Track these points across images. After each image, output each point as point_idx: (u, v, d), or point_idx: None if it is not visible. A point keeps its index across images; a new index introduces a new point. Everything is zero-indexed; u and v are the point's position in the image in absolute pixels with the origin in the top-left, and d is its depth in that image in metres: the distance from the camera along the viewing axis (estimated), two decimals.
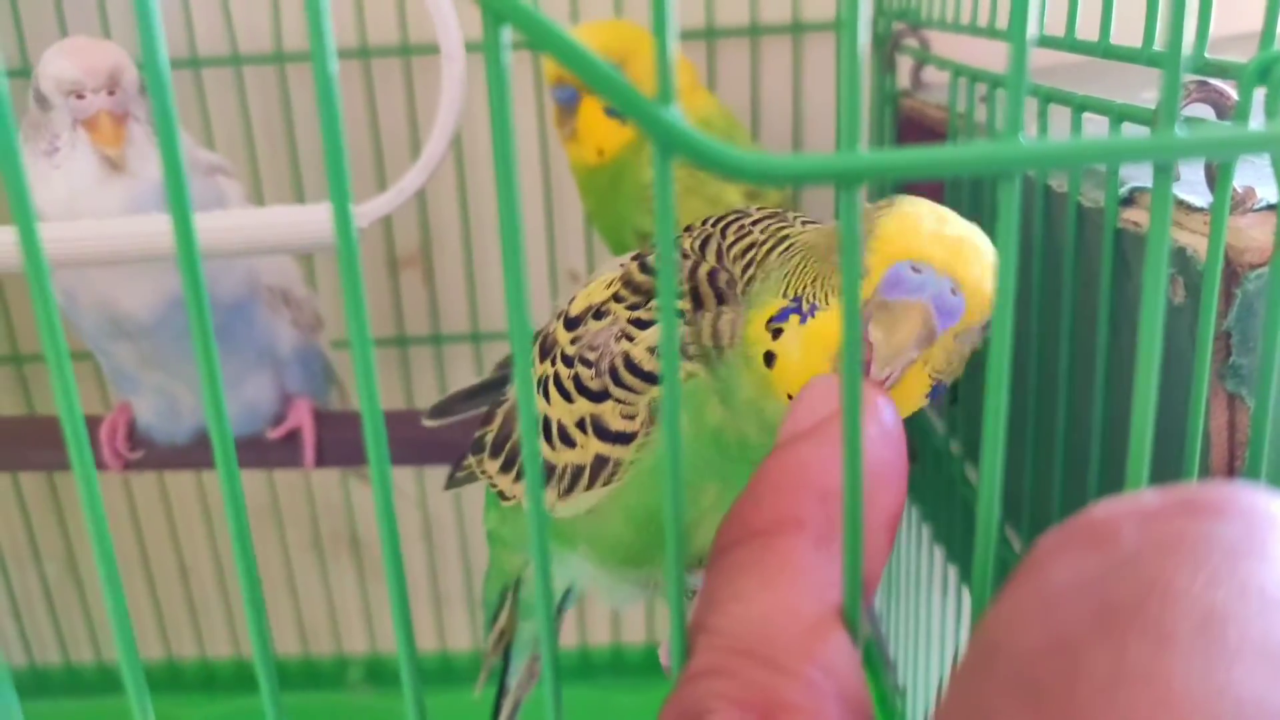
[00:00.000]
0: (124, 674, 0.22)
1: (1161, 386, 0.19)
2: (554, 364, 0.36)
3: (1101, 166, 0.35)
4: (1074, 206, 0.36)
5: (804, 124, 0.77)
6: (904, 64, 0.64)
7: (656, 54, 0.17)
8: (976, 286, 0.29)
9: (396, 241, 0.81)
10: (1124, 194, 0.33)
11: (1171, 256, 0.30)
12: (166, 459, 0.64)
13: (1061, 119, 0.38)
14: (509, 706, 0.49)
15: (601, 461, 0.35)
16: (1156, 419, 0.20)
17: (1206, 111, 0.29)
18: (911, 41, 0.63)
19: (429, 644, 0.93)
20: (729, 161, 0.18)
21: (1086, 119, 0.36)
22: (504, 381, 0.47)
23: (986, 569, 0.20)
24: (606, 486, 0.35)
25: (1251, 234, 0.28)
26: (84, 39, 0.52)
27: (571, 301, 0.38)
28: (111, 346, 0.57)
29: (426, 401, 0.84)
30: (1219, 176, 0.24)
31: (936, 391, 0.31)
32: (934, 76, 0.63)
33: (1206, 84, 0.29)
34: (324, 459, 0.63)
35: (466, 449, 0.64)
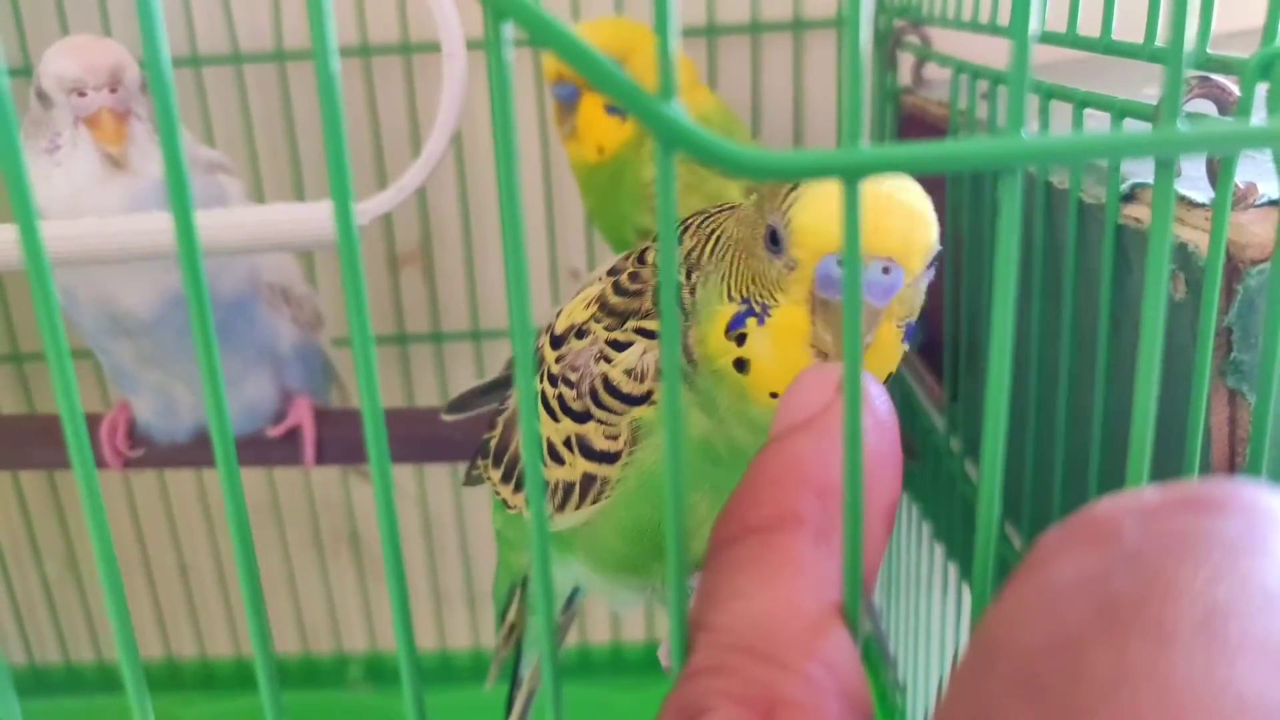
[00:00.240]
0: (123, 673, 0.22)
1: (1162, 382, 0.19)
2: (542, 381, 0.36)
3: (1103, 162, 0.35)
4: (1075, 202, 0.36)
5: (805, 121, 0.77)
6: (905, 61, 0.64)
7: (658, 50, 0.17)
8: (906, 249, 0.28)
9: (397, 239, 0.81)
10: (1125, 190, 0.33)
11: (1173, 252, 0.30)
12: (166, 457, 0.64)
13: (1063, 115, 0.38)
14: (523, 697, 0.49)
15: (589, 479, 0.35)
16: (1157, 415, 0.20)
17: (1208, 107, 0.29)
18: (913, 38, 0.63)
19: (429, 642, 0.93)
20: (731, 157, 0.18)
21: (1088, 115, 0.36)
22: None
23: (987, 566, 0.20)
24: (596, 504, 0.35)
25: (1253, 230, 0.28)
26: (86, 37, 0.52)
27: (558, 316, 0.38)
28: (111, 344, 0.57)
29: (427, 399, 0.85)
30: (1221, 172, 0.24)
31: (909, 333, 0.31)
32: (935, 73, 0.63)
33: (1208, 79, 0.29)
34: (324, 457, 0.63)
35: (466, 447, 0.64)
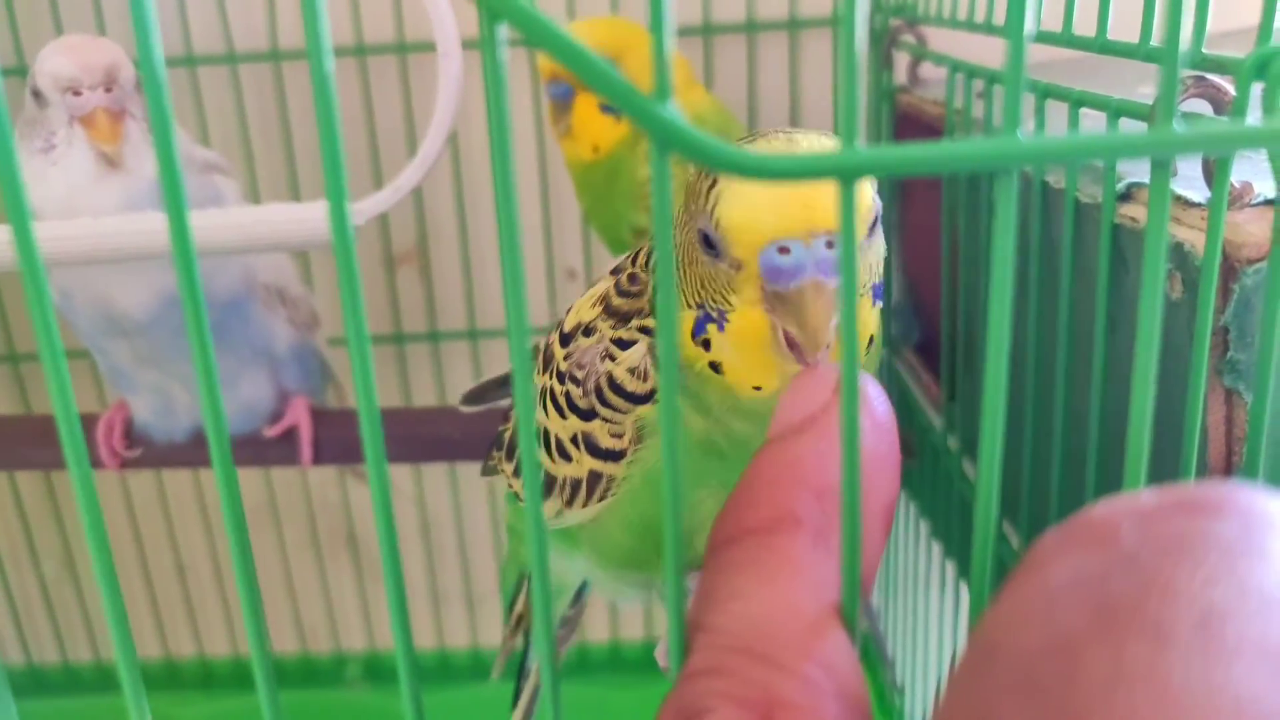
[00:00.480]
0: (121, 673, 0.22)
1: (1159, 382, 0.19)
2: (551, 378, 0.36)
3: (1099, 162, 0.35)
4: (1071, 202, 0.36)
5: (801, 120, 0.77)
6: (901, 60, 0.64)
7: (653, 50, 0.17)
8: None
9: (393, 239, 0.81)
10: (1121, 189, 0.33)
11: (1169, 252, 0.30)
12: (163, 457, 0.64)
13: (1059, 114, 0.38)
14: (530, 688, 0.49)
15: (596, 476, 0.35)
16: (1154, 415, 0.20)
17: (1204, 107, 0.29)
18: (908, 37, 0.63)
19: (427, 642, 0.93)
20: (726, 158, 0.18)
21: (1083, 114, 0.36)
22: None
23: (985, 565, 0.20)
24: (603, 501, 0.36)
25: (1249, 229, 0.28)
26: (81, 36, 0.52)
27: (568, 313, 0.38)
28: (108, 345, 0.57)
29: (424, 399, 0.85)
30: (1216, 172, 0.24)
31: (878, 293, 0.31)
32: (931, 72, 0.63)
33: (1204, 79, 0.29)
34: (321, 457, 0.63)
35: (464, 446, 0.64)
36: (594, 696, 0.89)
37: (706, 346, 0.31)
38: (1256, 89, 0.26)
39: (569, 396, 0.35)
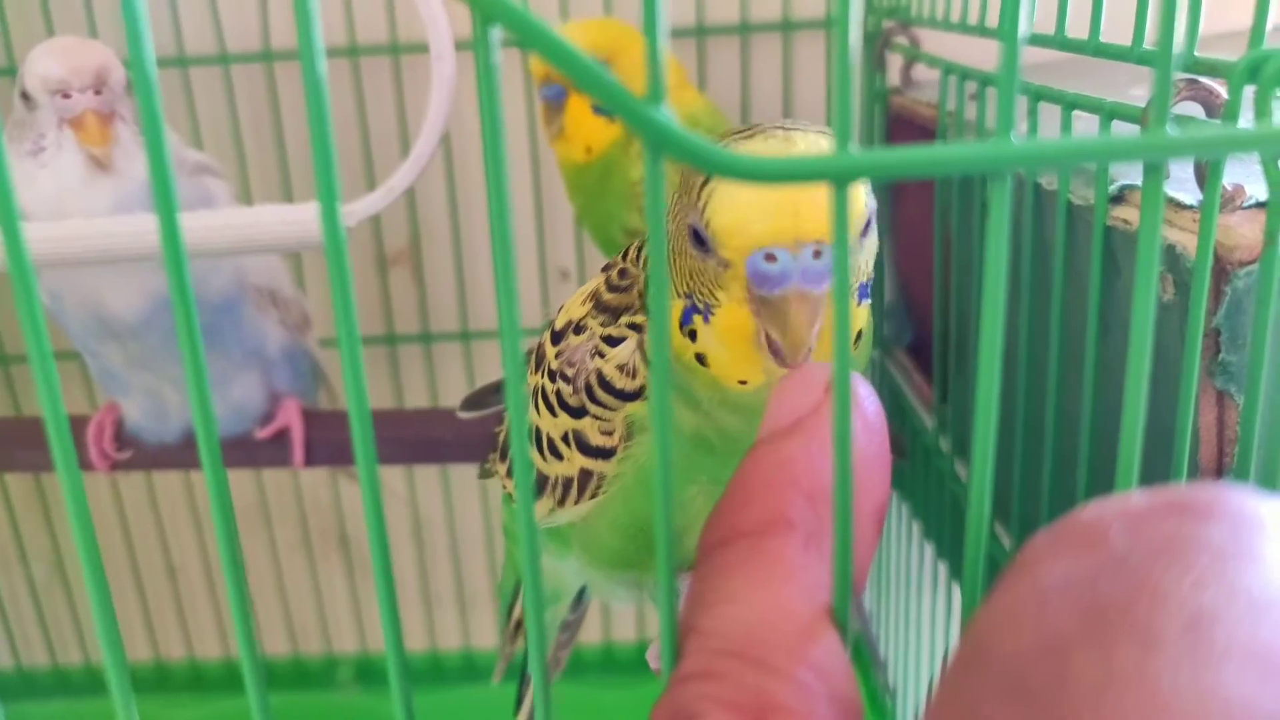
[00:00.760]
0: (109, 676, 0.22)
1: (1151, 384, 0.19)
2: (543, 377, 0.36)
3: (1091, 165, 0.35)
4: (1064, 204, 0.36)
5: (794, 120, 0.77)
6: (894, 62, 0.64)
7: (647, 53, 0.17)
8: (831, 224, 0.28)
9: (386, 240, 0.81)
10: (1114, 192, 0.33)
11: (1161, 254, 0.30)
12: (154, 459, 0.63)
13: (1051, 117, 0.38)
14: (533, 692, 0.49)
15: (587, 474, 0.35)
16: (1146, 417, 0.20)
17: (1196, 110, 0.30)
18: (902, 39, 0.63)
19: (418, 643, 0.93)
20: (719, 161, 0.18)
21: (1076, 116, 0.36)
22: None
23: (977, 566, 0.20)
24: (594, 499, 0.36)
25: (1241, 231, 0.28)
26: (70, 38, 0.52)
27: (559, 312, 0.38)
28: (99, 347, 0.57)
29: (416, 400, 0.84)
30: (1209, 175, 0.24)
31: (863, 293, 0.31)
32: (924, 74, 0.63)
33: (1196, 82, 0.29)
34: (312, 458, 0.63)
35: (456, 448, 0.64)
36: (587, 698, 0.89)
37: (693, 338, 0.31)
38: (1248, 92, 0.26)
39: (560, 394, 0.35)
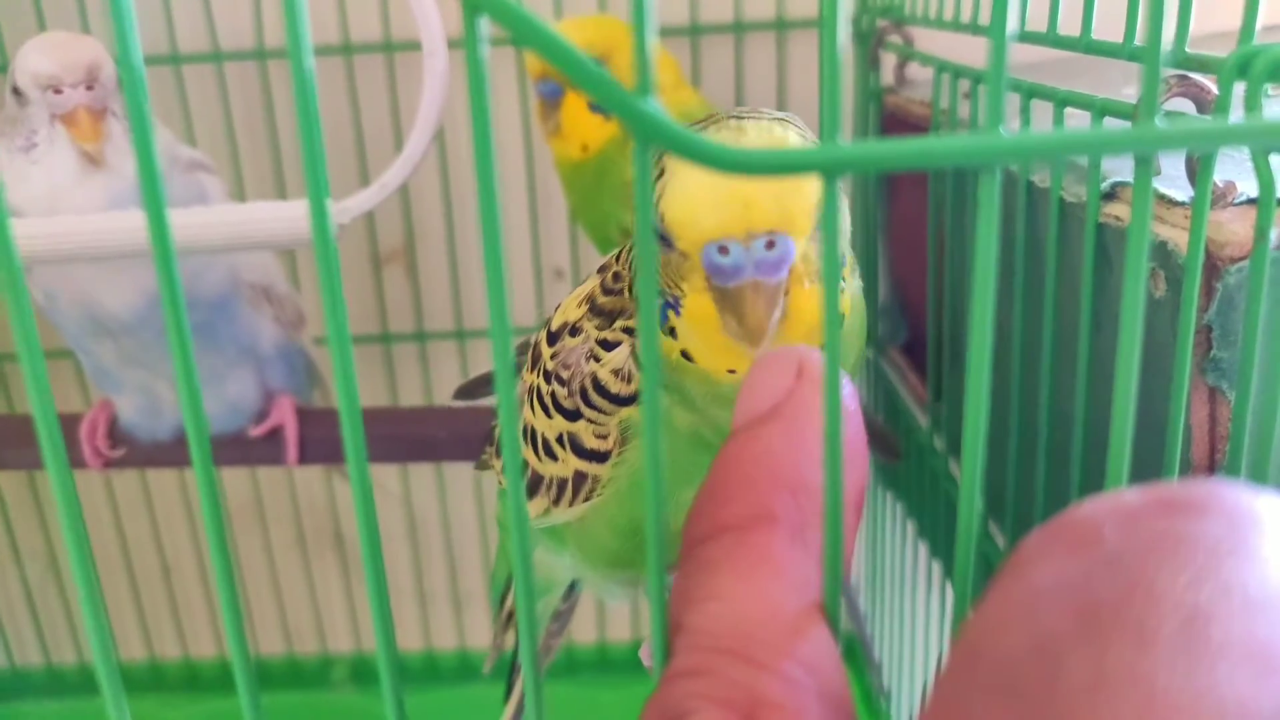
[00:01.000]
0: (100, 676, 0.22)
1: (1143, 380, 0.19)
2: (538, 377, 0.36)
3: (1083, 161, 0.35)
4: (1056, 201, 0.36)
5: None
6: (888, 61, 0.64)
7: (635, 46, 0.17)
8: (786, 217, 0.27)
9: (380, 239, 0.81)
10: (1105, 189, 0.33)
11: (1152, 250, 0.30)
12: (148, 457, 0.63)
13: (1044, 114, 0.38)
14: (522, 684, 0.49)
15: (581, 477, 0.35)
16: (1138, 413, 0.20)
17: (1187, 106, 0.30)
18: (895, 38, 0.63)
19: (413, 643, 0.93)
20: (710, 153, 0.18)
21: (1069, 114, 0.36)
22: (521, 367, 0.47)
23: (968, 566, 0.20)
24: (589, 501, 0.35)
25: (1232, 228, 0.28)
26: (62, 34, 0.52)
27: (556, 311, 0.38)
28: (93, 344, 0.57)
29: (410, 399, 0.84)
30: (1200, 169, 0.24)
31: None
32: (918, 73, 0.63)
33: (1187, 79, 0.29)
34: (306, 456, 0.63)
35: (450, 446, 0.64)
36: (581, 697, 0.88)
37: (673, 334, 0.31)
38: (1239, 89, 0.26)
39: (555, 396, 0.35)
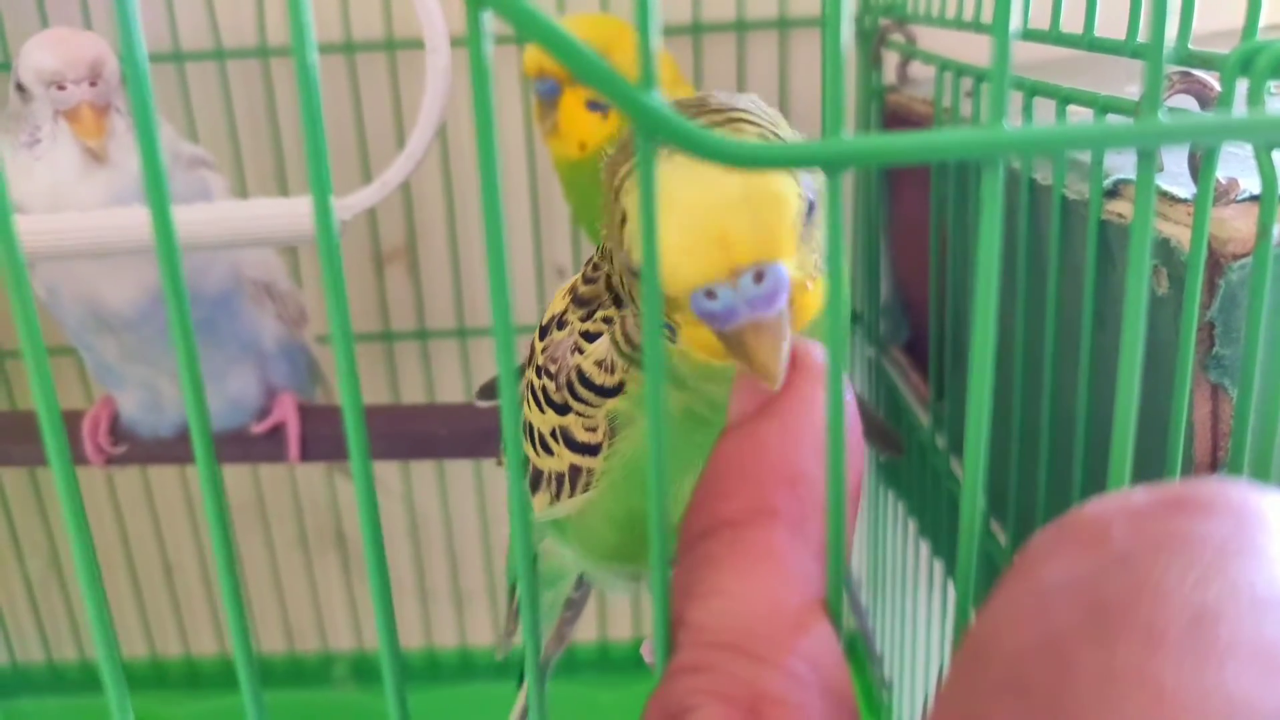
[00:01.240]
0: (103, 673, 0.22)
1: (1145, 378, 0.19)
2: (532, 372, 0.36)
3: (1086, 159, 0.35)
4: (1059, 199, 0.36)
5: (790, 119, 0.77)
6: (890, 59, 0.64)
7: (639, 39, 0.17)
8: (773, 241, 0.24)
9: (382, 237, 0.81)
10: (1108, 186, 0.33)
11: (1155, 247, 0.30)
12: (149, 453, 0.63)
13: (1047, 112, 0.38)
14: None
15: (576, 470, 0.35)
16: (1141, 410, 0.19)
17: (1190, 103, 0.29)
18: (898, 36, 0.63)
19: (414, 641, 0.93)
20: (713, 147, 0.18)
21: (1072, 112, 0.36)
22: None
23: (970, 564, 0.20)
24: (585, 494, 0.35)
25: (1235, 224, 0.28)
26: (65, 30, 0.52)
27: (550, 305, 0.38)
28: (95, 340, 0.57)
29: (412, 397, 0.84)
30: (1203, 163, 0.24)
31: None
32: (920, 71, 0.63)
33: (1190, 75, 0.29)
34: (308, 453, 0.63)
35: (452, 444, 0.64)
36: (582, 696, 0.88)
37: (670, 331, 0.29)
38: (1242, 86, 0.26)
39: (545, 391, 0.35)
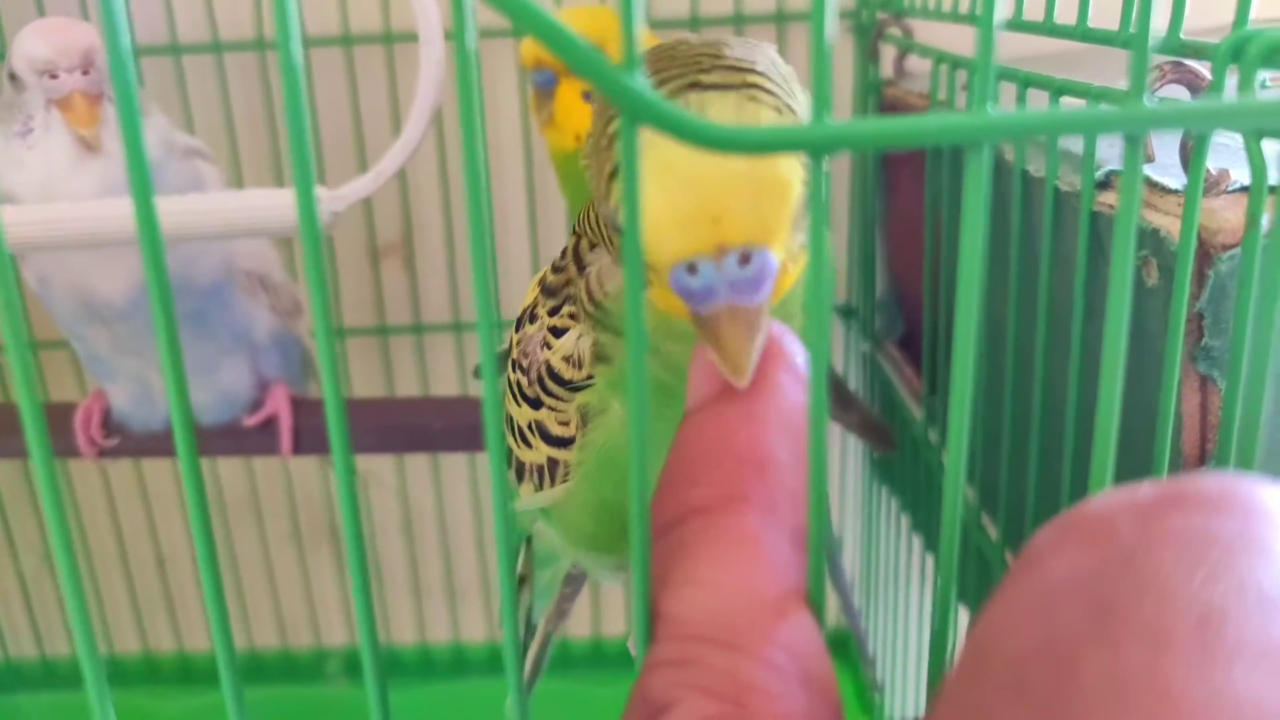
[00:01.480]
0: (84, 669, 0.22)
1: (1135, 369, 0.19)
2: (509, 365, 0.36)
3: (1078, 150, 0.35)
4: (1051, 190, 0.36)
5: None
6: (887, 54, 0.64)
7: (623, 22, 0.17)
8: (762, 226, 0.23)
9: (378, 232, 0.80)
10: (1100, 177, 0.33)
11: (1145, 238, 0.30)
12: (142, 446, 0.63)
13: (1040, 103, 0.38)
14: (537, 643, 0.49)
15: (553, 463, 0.35)
16: (1129, 402, 0.19)
17: (1181, 93, 0.29)
18: (895, 30, 0.63)
19: (407, 636, 0.93)
20: (697, 131, 0.18)
21: (1065, 103, 0.36)
22: None
23: (952, 557, 0.20)
24: (563, 485, 0.36)
25: (1225, 215, 0.28)
26: (59, 19, 0.52)
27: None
28: (86, 332, 0.57)
29: (407, 391, 0.84)
30: (1193, 152, 0.24)
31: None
32: (917, 65, 0.63)
33: (1180, 65, 0.29)
34: (301, 446, 0.63)
35: (446, 438, 0.64)
36: (576, 693, 0.88)
37: None
38: (1233, 77, 0.26)
39: (520, 385, 0.35)
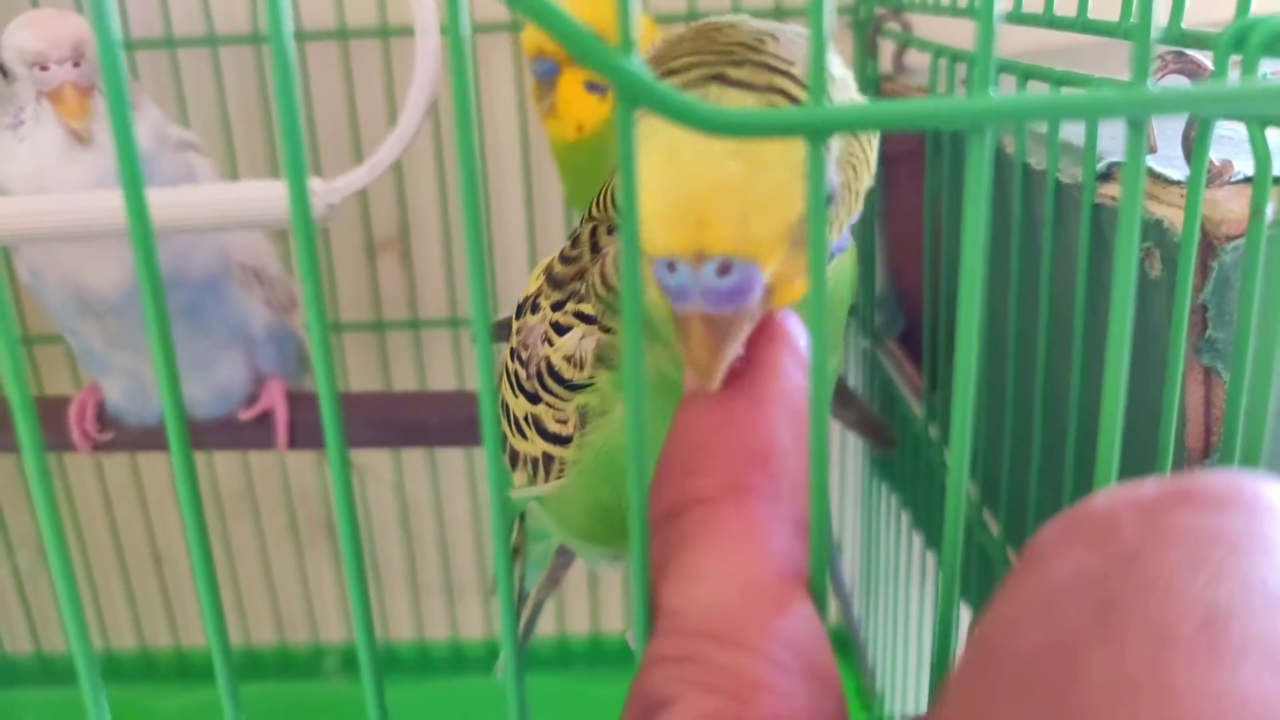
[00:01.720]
0: (78, 665, 0.22)
1: (1138, 362, 0.19)
2: (508, 354, 0.36)
3: (1079, 143, 0.35)
4: (1052, 182, 0.36)
5: None
6: (886, 48, 0.64)
7: (618, 2, 0.17)
8: (751, 239, 0.21)
9: (374, 226, 0.80)
10: (1102, 169, 0.33)
11: (1148, 229, 0.30)
12: (136, 440, 0.63)
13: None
14: (528, 611, 0.49)
15: (548, 458, 0.35)
16: (1133, 395, 0.19)
17: (1183, 83, 0.29)
18: (894, 25, 0.62)
19: (405, 633, 0.93)
20: (695, 114, 0.17)
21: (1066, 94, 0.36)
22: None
23: (955, 555, 0.20)
24: (557, 481, 0.35)
25: (1228, 206, 0.28)
26: (49, 11, 0.51)
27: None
28: (79, 325, 0.57)
29: (404, 386, 0.84)
30: (1196, 138, 0.23)
31: (839, 249, 0.28)
32: (916, 60, 0.62)
33: (1183, 54, 0.28)
34: (297, 441, 0.62)
35: (443, 432, 0.63)
36: (575, 690, 0.88)
37: None
38: (1235, 68, 0.26)
39: (518, 377, 0.35)
